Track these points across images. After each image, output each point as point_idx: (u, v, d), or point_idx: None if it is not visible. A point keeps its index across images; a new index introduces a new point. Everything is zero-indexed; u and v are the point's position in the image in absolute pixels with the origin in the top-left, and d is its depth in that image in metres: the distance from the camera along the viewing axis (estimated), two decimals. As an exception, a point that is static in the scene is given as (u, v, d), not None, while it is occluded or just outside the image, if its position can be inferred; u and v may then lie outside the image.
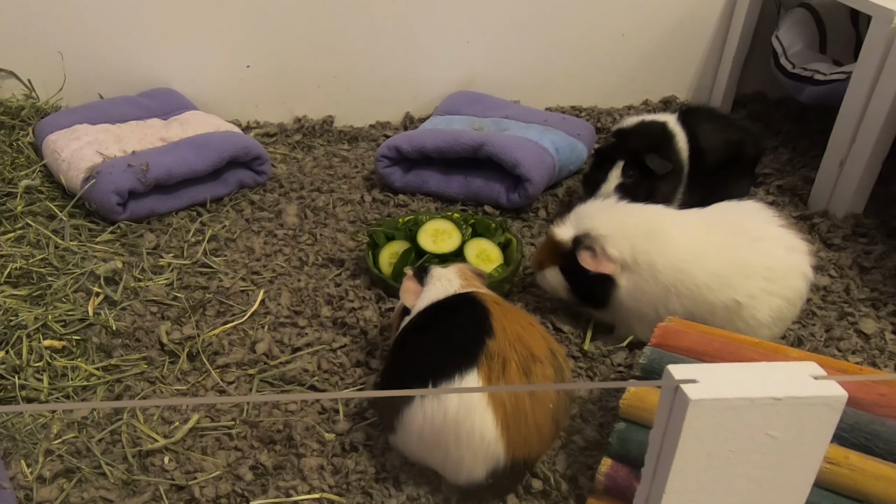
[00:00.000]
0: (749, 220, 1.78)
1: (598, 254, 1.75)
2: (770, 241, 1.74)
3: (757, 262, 1.71)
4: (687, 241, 1.74)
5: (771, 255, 1.72)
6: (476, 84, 2.94)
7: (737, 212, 1.82)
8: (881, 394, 1.36)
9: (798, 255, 1.74)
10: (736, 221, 1.79)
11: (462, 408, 1.34)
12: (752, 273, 1.70)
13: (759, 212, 1.81)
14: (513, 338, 1.40)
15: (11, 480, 1.44)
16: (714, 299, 1.71)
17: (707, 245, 1.73)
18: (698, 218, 1.81)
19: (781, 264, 1.71)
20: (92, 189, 2.17)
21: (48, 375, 1.68)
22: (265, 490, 1.47)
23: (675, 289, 1.72)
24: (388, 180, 2.46)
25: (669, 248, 1.73)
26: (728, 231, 1.76)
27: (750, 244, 1.73)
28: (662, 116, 2.29)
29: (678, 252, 1.73)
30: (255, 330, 1.86)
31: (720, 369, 0.85)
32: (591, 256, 1.75)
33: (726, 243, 1.74)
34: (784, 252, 1.73)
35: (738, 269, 1.70)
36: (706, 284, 1.70)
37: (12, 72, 2.66)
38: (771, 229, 1.76)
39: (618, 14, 2.92)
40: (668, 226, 1.77)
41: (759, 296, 1.70)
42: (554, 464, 1.54)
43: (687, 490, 0.89)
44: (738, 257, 1.71)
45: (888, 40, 2.12)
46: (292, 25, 2.73)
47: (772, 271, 1.70)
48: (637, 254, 1.74)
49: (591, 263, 1.75)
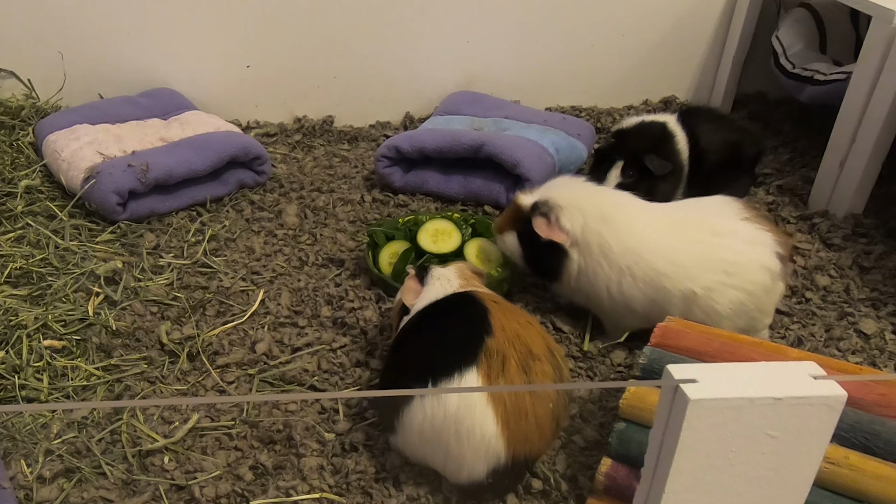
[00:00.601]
0: (712, 215, 1.80)
1: (551, 222, 1.78)
2: (730, 236, 1.75)
3: (717, 256, 1.72)
4: (644, 228, 1.76)
5: (731, 250, 1.73)
6: (476, 84, 2.94)
7: (702, 206, 1.85)
8: (881, 394, 1.36)
9: (759, 248, 1.74)
10: (699, 215, 1.81)
11: (462, 406, 1.34)
12: (711, 267, 1.72)
13: (723, 206, 1.82)
14: (512, 336, 1.40)
15: (11, 480, 1.44)
16: (671, 287, 1.72)
17: (667, 235, 1.76)
18: (663, 209, 1.84)
19: (742, 259, 1.72)
20: (92, 189, 2.17)
21: (48, 375, 1.68)
22: (265, 490, 1.47)
23: (630, 272, 1.74)
24: (388, 180, 2.46)
25: (624, 232, 1.76)
26: (690, 224, 1.78)
27: (710, 239, 1.74)
28: (662, 117, 2.29)
29: (633, 237, 1.75)
30: (255, 330, 1.86)
31: (720, 369, 0.86)
32: (545, 223, 1.79)
33: (687, 235, 1.75)
34: (744, 246, 1.74)
35: (697, 261, 1.72)
36: (664, 272, 1.72)
37: (12, 72, 2.66)
38: (733, 224, 1.77)
39: (618, 14, 2.92)
40: (627, 211, 1.80)
41: (718, 288, 1.71)
42: (554, 464, 1.54)
43: (687, 490, 0.89)
44: (698, 250, 1.73)
45: (888, 40, 2.12)
46: (292, 25, 2.73)
47: (732, 266, 1.72)
48: (588, 233, 1.76)
49: (543, 230, 1.78)
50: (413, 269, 1.68)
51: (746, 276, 1.72)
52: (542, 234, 1.78)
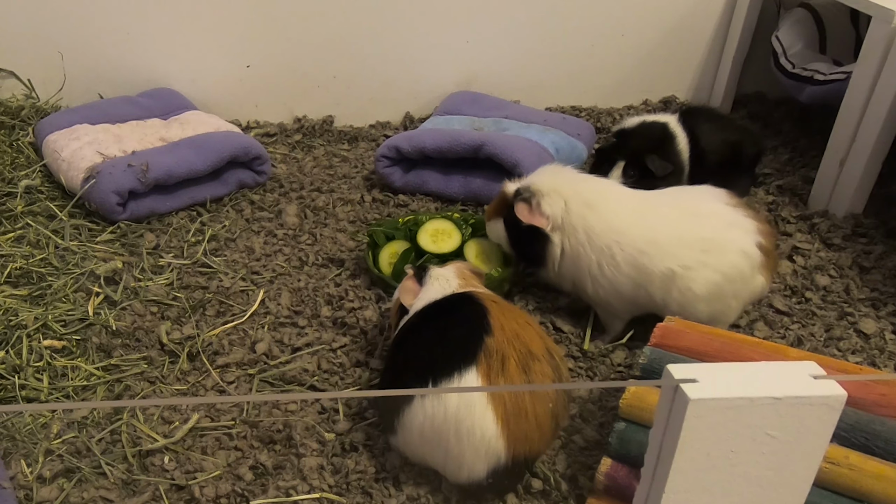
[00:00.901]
0: (695, 198, 1.82)
1: (532, 207, 1.81)
2: (711, 216, 1.76)
3: (693, 233, 1.73)
4: (626, 210, 1.79)
5: (709, 228, 1.74)
6: (476, 84, 2.94)
7: (686, 192, 1.87)
8: (881, 394, 1.36)
9: (739, 232, 1.75)
10: (682, 199, 1.83)
11: (462, 405, 1.34)
12: (688, 243, 1.73)
13: (707, 192, 1.84)
14: (511, 336, 1.40)
15: (11, 480, 1.44)
16: (651, 266, 1.74)
17: (648, 215, 1.78)
18: (646, 194, 1.86)
19: (719, 237, 1.73)
20: (92, 189, 2.17)
21: (48, 375, 1.68)
22: (265, 490, 1.47)
23: (611, 251, 1.76)
24: (388, 180, 2.46)
25: (607, 214, 1.79)
26: (671, 205, 1.80)
27: (689, 217, 1.76)
28: (664, 117, 2.29)
29: (616, 218, 1.78)
30: (255, 330, 1.86)
31: (720, 369, 0.86)
32: (526, 209, 1.82)
33: (667, 214, 1.77)
34: (724, 226, 1.74)
35: (675, 238, 1.73)
36: (643, 251, 1.74)
37: (12, 72, 2.66)
38: (715, 206, 1.78)
39: (618, 14, 2.92)
40: (610, 195, 1.83)
41: (695, 267, 1.72)
42: (554, 464, 1.54)
43: (687, 490, 0.89)
44: (676, 227, 1.75)
45: (888, 40, 2.12)
46: (292, 25, 2.73)
47: (708, 243, 1.72)
48: (570, 216, 1.79)
49: (525, 215, 1.82)
50: (411, 270, 1.68)
51: (724, 256, 1.72)
52: (524, 219, 1.82)
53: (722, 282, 1.73)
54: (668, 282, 1.74)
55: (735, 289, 1.75)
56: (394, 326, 1.65)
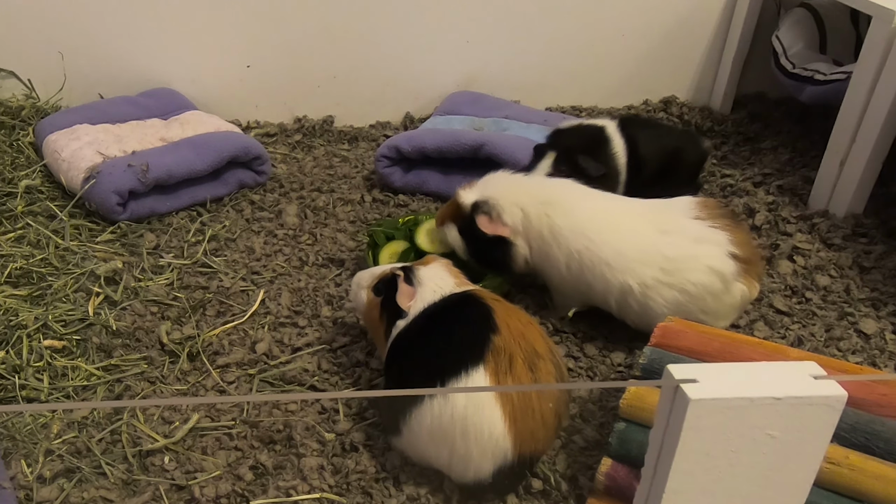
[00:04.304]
0: (662, 211, 1.81)
1: (493, 218, 1.86)
2: (676, 233, 1.74)
3: (656, 251, 1.73)
4: (591, 212, 1.81)
5: (673, 247, 1.73)
6: (476, 84, 2.94)
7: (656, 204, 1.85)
8: (881, 394, 1.36)
9: (706, 247, 1.73)
10: (648, 210, 1.82)
11: (470, 404, 1.34)
12: (649, 262, 1.72)
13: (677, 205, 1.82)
14: (517, 334, 1.41)
15: (11, 480, 1.44)
16: (611, 278, 1.75)
17: (613, 224, 1.78)
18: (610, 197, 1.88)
19: (682, 255, 1.72)
20: (92, 189, 2.17)
21: (48, 375, 1.68)
22: (265, 490, 1.47)
23: (579, 255, 1.78)
24: (388, 180, 2.47)
25: (573, 214, 1.81)
26: (637, 216, 1.80)
27: (654, 234, 1.75)
28: (601, 121, 2.26)
29: (583, 219, 1.80)
30: (255, 330, 1.86)
31: (720, 369, 0.86)
32: (487, 221, 1.86)
33: (631, 227, 1.77)
34: (688, 244, 1.73)
35: (637, 254, 1.73)
36: (607, 261, 1.75)
37: (12, 72, 2.66)
38: (681, 221, 1.77)
39: (618, 14, 2.92)
40: (571, 195, 1.86)
41: (654, 286, 1.72)
42: (554, 464, 1.54)
43: (687, 490, 0.89)
44: (640, 243, 1.74)
45: (888, 40, 2.12)
46: (292, 26, 2.73)
47: (671, 262, 1.72)
48: (532, 221, 1.83)
49: (487, 227, 1.86)
50: (401, 273, 1.61)
51: (685, 275, 1.71)
52: (487, 231, 1.85)
53: (684, 300, 1.73)
54: (627, 295, 1.75)
55: (703, 305, 1.74)
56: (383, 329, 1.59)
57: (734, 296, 1.77)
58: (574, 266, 1.80)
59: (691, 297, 1.73)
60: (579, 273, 1.80)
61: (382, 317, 1.59)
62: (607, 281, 1.76)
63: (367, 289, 1.65)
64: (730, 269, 1.73)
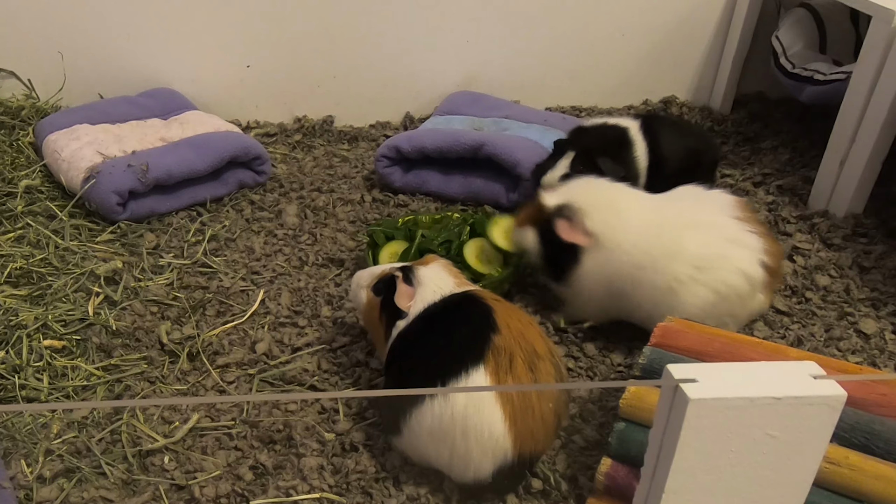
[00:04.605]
0: (698, 207, 1.78)
1: (574, 225, 1.79)
2: (709, 228, 1.73)
3: (688, 247, 1.70)
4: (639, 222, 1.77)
5: (705, 244, 1.70)
6: (476, 84, 2.94)
7: (692, 198, 1.83)
8: (881, 394, 1.36)
9: (739, 250, 1.71)
10: (685, 207, 1.79)
11: (470, 404, 1.34)
12: (680, 257, 1.70)
13: (715, 198, 1.80)
14: (517, 334, 1.41)
15: (11, 480, 1.44)
16: (644, 278, 1.72)
17: (650, 225, 1.75)
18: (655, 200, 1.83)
19: (714, 254, 1.70)
20: (92, 189, 2.17)
21: (48, 375, 1.68)
22: (265, 490, 1.47)
23: (625, 267, 1.74)
24: (388, 180, 2.46)
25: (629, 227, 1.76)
26: (672, 214, 1.77)
27: (687, 230, 1.73)
28: (626, 122, 2.24)
29: (633, 231, 1.76)
30: (255, 330, 1.86)
31: (720, 369, 0.86)
32: (568, 226, 1.79)
33: (665, 225, 1.74)
34: (721, 242, 1.71)
35: (667, 251, 1.70)
36: (639, 264, 1.72)
37: (12, 72, 2.66)
38: (717, 217, 1.75)
39: (618, 14, 2.92)
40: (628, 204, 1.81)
41: (686, 282, 1.69)
42: (554, 464, 1.54)
43: (687, 490, 0.89)
44: (672, 240, 1.71)
45: (888, 40, 2.12)
46: (292, 26, 2.73)
47: (702, 259, 1.69)
48: (607, 229, 1.77)
49: (567, 233, 1.79)
50: (399, 274, 1.60)
51: (717, 273, 1.70)
52: (565, 237, 1.78)
53: (715, 300, 1.70)
54: (658, 295, 1.72)
55: (730, 308, 1.73)
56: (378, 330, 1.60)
57: (753, 306, 1.76)
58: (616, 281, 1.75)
59: (721, 298, 1.70)
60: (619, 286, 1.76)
61: (382, 317, 1.59)
62: (640, 282, 1.72)
63: (367, 288, 1.65)
64: (759, 277, 1.72)
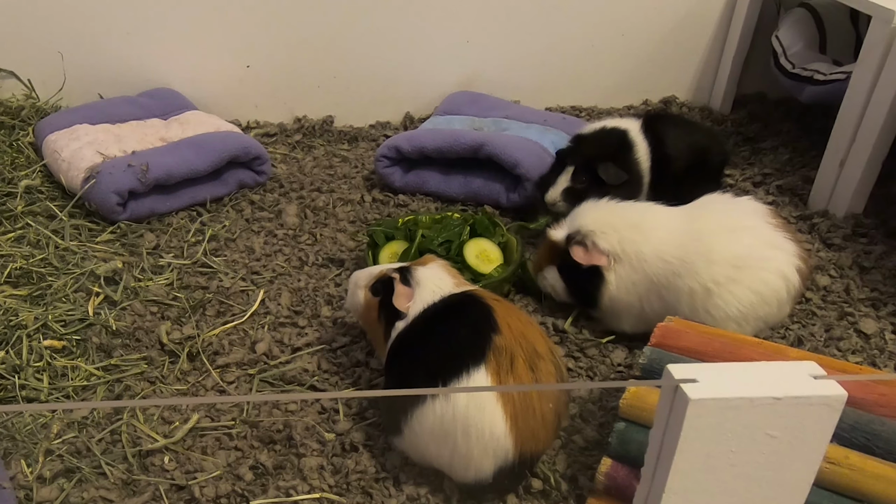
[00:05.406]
0: (732, 212, 1.79)
1: (589, 248, 1.80)
2: (746, 231, 1.73)
3: (725, 248, 1.70)
4: (665, 232, 1.77)
5: (743, 245, 1.71)
6: (476, 84, 2.94)
7: (724, 204, 1.83)
8: (881, 394, 1.36)
9: (777, 252, 1.72)
10: (718, 212, 1.79)
11: (471, 404, 1.34)
12: (718, 259, 1.70)
13: (747, 205, 1.81)
14: (518, 334, 1.41)
15: (11, 480, 1.44)
16: (682, 285, 1.72)
17: (682, 233, 1.75)
18: (682, 210, 1.84)
19: (753, 254, 1.70)
20: (92, 189, 2.17)
21: (48, 375, 1.68)
22: (265, 490, 1.47)
23: (657, 278, 1.75)
24: (388, 180, 2.46)
25: (652, 238, 1.76)
26: (706, 220, 1.77)
27: (723, 233, 1.73)
28: (626, 123, 2.21)
29: (659, 242, 1.76)
30: (255, 330, 1.86)
31: (720, 369, 0.86)
32: (583, 251, 1.80)
33: (700, 230, 1.75)
34: (759, 244, 1.71)
35: (704, 255, 1.70)
36: (676, 271, 1.72)
37: (12, 72, 2.66)
38: (752, 221, 1.75)
39: (618, 14, 2.92)
40: (650, 218, 1.81)
41: (725, 283, 1.69)
42: (554, 464, 1.54)
43: (687, 490, 0.89)
44: (708, 243, 1.72)
45: (888, 40, 2.12)
46: (292, 26, 2.73)
47: (741, 260, 1.69)
48: (625, 244, 1.77)
49: (583, 257, 1.80)
50: (397, 275, 1.59)
51: (757, 273, 1.69)
52: (582, 262, 1.79)
53: (755, 301, 1.70)
54: (697, 299, 1.71)
55: (769, 310, 1.72)
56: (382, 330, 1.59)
57: (784, 314, 1.77)
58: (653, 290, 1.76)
59: (762, 299, 1.70)
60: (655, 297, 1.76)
61: (381, 318, 1.59)
62: (678, 289, 1.72)
63: (365, 288, 1.64)
64: (796, 282, 1.72)
